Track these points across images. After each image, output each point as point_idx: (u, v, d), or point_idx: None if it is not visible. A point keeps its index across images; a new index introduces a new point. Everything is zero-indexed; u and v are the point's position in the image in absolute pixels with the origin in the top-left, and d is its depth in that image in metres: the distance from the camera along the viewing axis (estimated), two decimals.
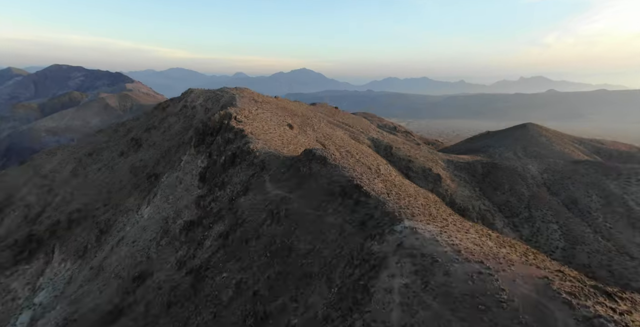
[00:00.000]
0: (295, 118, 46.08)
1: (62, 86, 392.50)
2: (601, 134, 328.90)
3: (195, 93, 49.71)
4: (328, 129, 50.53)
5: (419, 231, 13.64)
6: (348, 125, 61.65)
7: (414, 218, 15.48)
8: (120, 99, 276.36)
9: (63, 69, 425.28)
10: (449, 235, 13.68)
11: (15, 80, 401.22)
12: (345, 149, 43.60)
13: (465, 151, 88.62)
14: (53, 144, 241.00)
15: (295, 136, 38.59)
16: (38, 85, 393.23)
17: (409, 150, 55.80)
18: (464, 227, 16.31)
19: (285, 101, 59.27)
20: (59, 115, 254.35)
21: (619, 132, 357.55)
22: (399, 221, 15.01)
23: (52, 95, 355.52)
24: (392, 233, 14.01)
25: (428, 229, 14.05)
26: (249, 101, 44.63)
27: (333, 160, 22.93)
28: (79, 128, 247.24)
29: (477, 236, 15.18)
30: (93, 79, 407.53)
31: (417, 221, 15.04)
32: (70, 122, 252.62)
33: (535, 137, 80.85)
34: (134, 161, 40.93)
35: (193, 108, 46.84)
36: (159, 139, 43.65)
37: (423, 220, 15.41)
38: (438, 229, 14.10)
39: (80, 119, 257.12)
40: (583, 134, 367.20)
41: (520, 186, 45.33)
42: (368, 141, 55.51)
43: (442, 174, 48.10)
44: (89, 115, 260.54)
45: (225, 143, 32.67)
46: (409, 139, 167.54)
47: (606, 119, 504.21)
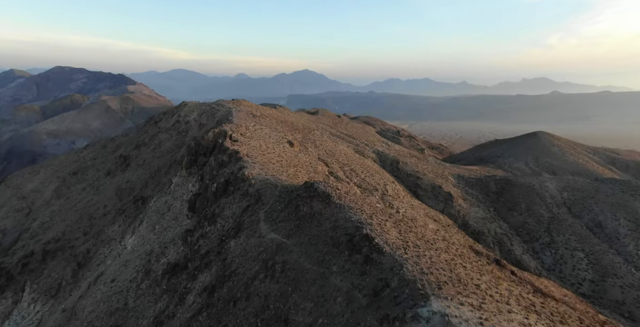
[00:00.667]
0: (295, 133, 42.87)
1: (64, 88, 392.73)
2: (607, 136, 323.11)
3: (190, 107, 46.66)
4: (331, 143, 47.29)
5: (453, 322, 10.42)
6: (352, 137, 58.35)
7: (442, 291, 12.26)
8: (122, 102, 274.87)
9: (65, 70, 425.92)
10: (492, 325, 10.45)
11: (17, 82, 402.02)
12: (349, 167, 40.35)
13: (473, 160, 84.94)
14: (54, 147, 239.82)
15: (295, 155, 35.44)
16: (40, 87, 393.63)
17: (417, 165, 52.39)
18: (503, 297, 13.06)
19: (286, 112, 56.05)
20: (60, 118, 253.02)
21: (624, 133, 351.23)
22: (424, 299, 11.79)
23: (54, 97, 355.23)
24: (416, 320, 10.79)
25: (463, 316, 10.83)
26: (247, 116, 41.52)
27: (338, 197, 19.77)
28: (80, 131, 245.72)
29: (522, 317, 11.95)
30: (95, 80, 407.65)
31: (447, 299, 11.81)
32: (71, 124, 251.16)
33: (547, 147, 77.11)
34: (121, 182, 37.90)
35: (187, 123, 43.75)
36: (148, 156, 40.58)
37: (453, 294, 12.18)
38: (476, 318, 10.86)
39: (82, 122, 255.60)
40: (589, 136, 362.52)
41: (538, 206, 41.80)
42: (373, 155, 52.19)
43: (453, 192, 44.67)
44: (90, 118, 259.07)
45: (219, 166, 29.55)
46: (413, 144, 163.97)
47: (611, 120, 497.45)
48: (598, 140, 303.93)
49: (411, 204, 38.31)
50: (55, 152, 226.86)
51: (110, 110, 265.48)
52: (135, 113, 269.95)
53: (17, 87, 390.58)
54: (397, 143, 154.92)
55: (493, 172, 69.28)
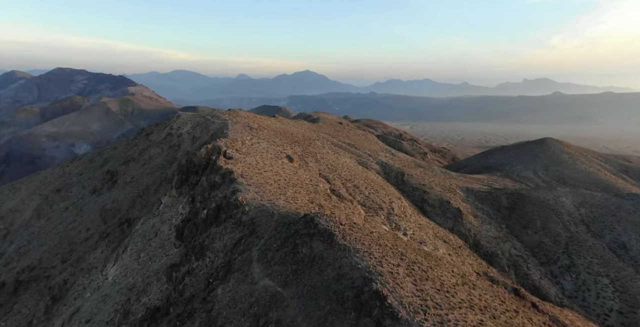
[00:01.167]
0: (295, 146, 40.18)
1: (65, 90, 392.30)
2: (610, 137, 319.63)
3: (183, 119, 43.93)
4: (332, 155, 44.57)
5: None
6: (354, 146, 55.60)
7: None
8: (122, 104, 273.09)
9: (66, 72, 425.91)
10: None
11: (18, 83, 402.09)
12: (352, 183, 37.62)
13: (479, 168, 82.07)
14: (53, 150, 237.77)
15: (295, 172, 32.75)
16: (41, 89, 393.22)
17: (423, 177, 49.59)
18: None
19: (285, 122, 53.37)
20: (60, 120, 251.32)
21: (628, 134, 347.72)
22: None
23: (55, 98, 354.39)
24: None
25: None
26: (243, 128, 38.85)
27: (341, 236, 17.07)
28: (79, 133, 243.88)
29: None
30: (96, 82, 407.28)
31: None
32: (70, 127, 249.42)
33: (556, 154, 74.17)
34: (106, 202, 35.23)
35: (179, 136, 41.07)
36: (137, 173, 37.89)
37: None
38: None
39: (81, 124, 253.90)
40: (592, 137, 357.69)
41: (554, 224, 38.94)
42: (377, 166, 49.43)
43: (462, 207, 41.85)
44: (90, 120, 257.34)
45: (211, 188, 26.90)
46: (415, 147, 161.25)
47: (614, 121, 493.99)
48: (601, 141, 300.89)
49: (419, 223, 35.55)
50: (54, 154, 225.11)
51: (110, 112, 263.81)
52: (135, 115, 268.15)
53: (18, 89, 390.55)
54: (399, 147, 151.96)
55: (501, 182, 66.35)
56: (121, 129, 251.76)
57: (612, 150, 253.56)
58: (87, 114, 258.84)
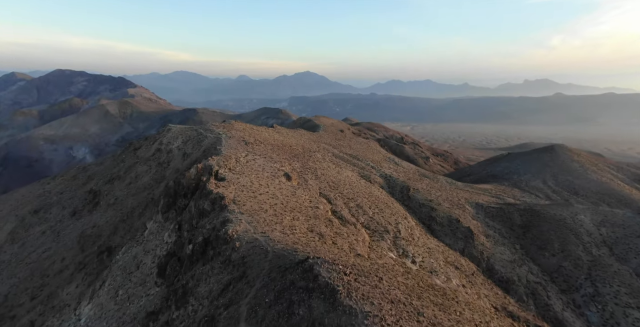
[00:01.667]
0: (294, 161, 37.23)
1: (65, 91, 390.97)
2: (612, 138, 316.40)
3: (174, 132, 40.81)
4: (333, 169, 41.63)
5: None
6: (356, 158, 52.65)
7: None
8: (121, 106, 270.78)
9: (66, 74, 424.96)
10: None
11: (18, 85, 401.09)
12: (355, 202, 34.67)
13: (485, 177, 79.03)
14: (51, 153, 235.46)
15: (293, 192, 29.86)
16: (41, 91, 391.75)
17: (429, 191, 46.58)
18: None
19: (284, 133, 50.37)
20: (58, 122, 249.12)
21: (630, 136, 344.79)
22: None
23: (55, 100, 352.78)
24: None
25: None
26: (238, 143, 35.93)
27: (347, 294, 14.19)
28: (77, 136, 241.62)
29: None
30: (96, 83, 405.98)
31: None
32: (68, 129, 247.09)
33: (566, 163, 71.08)
34: (86, 227, 32.26)
35: (169, 152, 38.09)
36: (122, 193, 34.95)
37: None
38: None
39: (80, 127, 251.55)
40: (594, 139, 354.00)
41: (574, 246, 35.90)
42: (380, 180, 46.47)
43: (473, 226, 38.84)
44: (89, 123, 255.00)
45: (199, 215, 24.02)
46: (417, 152, 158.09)
47: (616, 122, 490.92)
48: (602, 142, 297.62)
49: (428, 247, 32.57)
50: (52, 157, 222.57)
51: (108, 114, 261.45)
52: (134, 118, 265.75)
53: (17, 91, 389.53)
54: (401, 151, 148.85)
55: (509, 193, 63.27)
56: (120, 131, 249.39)
57: (613, 152, 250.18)
58: (85, 117, 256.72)
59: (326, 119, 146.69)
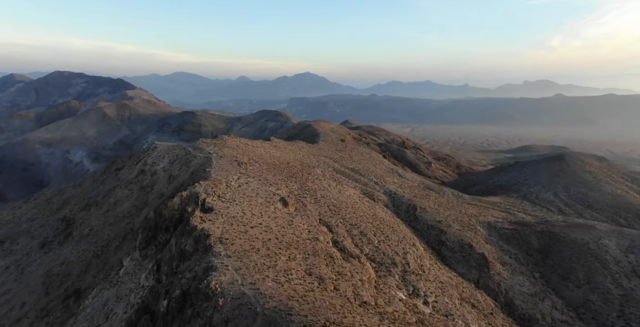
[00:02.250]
0: (291, 181, 34.04)
1: (64, 93, 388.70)
2: (613, 140, 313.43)
3: (159, 151, 37.22)
4: (334, 187, 38.45)
5: None
6: (358, 172, 49.45)
7: None
8: (119, 109, 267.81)
9: (64, 75, 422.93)
10: None
11: (17, 87, 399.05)
12: (358, 229, 31.51)
13: (492, 187, 75.82)
14: (47, 156, 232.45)
15: (290, 222, 26.74)
16: (39, 93, 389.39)
17: (437, 210, 43.35)
18: None
19: (282, 146, 47.05)
20: (55, 125, 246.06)
21: (631, 137, 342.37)
22: None
23: (53, 102, 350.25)
24: None
25: None
26: (230, 164, 32.72)
27: None
28: (75, 139, 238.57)
29: None
30: (95, 85, 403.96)
31: None
32: (66, 132, 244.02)
33: (578, 174, 67.84)
34: (54, 263, 28.83)
35: (153, 174, 34.66)
36: (98, 223, 31.60)
37: None
38: None
39: (77, 130, 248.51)
40: (595, 140, 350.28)
41: (601, 277, 32.68)
42: (385, 197, 43.28)
43: (487, 252, 35.63)
44: (86, 126, 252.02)
45: (180, 257, 20.85)
46: (419, 156, 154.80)
47: (617, 124, 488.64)
48: (604, 144, 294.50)
49: (440, 281, 29.37)
50: (48, 161, 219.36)
51: (106, 117, 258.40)
52: (133, 120, 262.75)
53: (16, 92, 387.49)
54: (402, 156, 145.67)
55: (519, 206, 60.05)
56: (118, 134, 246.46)
57: (616, 155, 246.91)
58: (83, 120, 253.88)
59: (326, 123, 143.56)
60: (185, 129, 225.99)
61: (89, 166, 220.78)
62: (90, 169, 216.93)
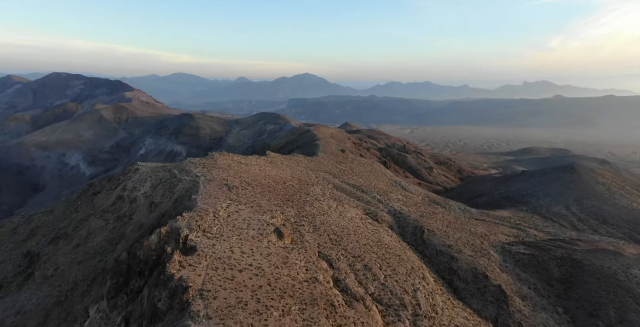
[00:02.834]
0: (287, 206, 30.73)
1: (61, 95, 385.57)
2: (614, 142, 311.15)
3: (142, 173, 33.26)
4: (335, 209, 35.16)
5: None
6: (360, 188, 46.16)
7: None
8: (116, 111, 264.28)
9: (62, 77, 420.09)
10: None
11: (14, 88, 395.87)
12: (362, 262, 28.20)
13: (499, 198, 72.58)
14: (42, 160, 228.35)
15: (285, 259, 23.45)
16: (37, 94, 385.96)
17: (446, 232, 40.04)
18: None
19: (278, 162, 43.65)
20: (51, 128, 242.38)
21: (631, 139, 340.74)
22: None
23: (51, 104, 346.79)
24: None
25: None
26: (219, 189, 29.33)
27: None
28: (70, 142, 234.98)
29: None
30: (92, 87, 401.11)
31: None
32: (61, 135, 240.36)
33: (590, 185, 64.61)
34: (8, 313, 24.67)
35: (132, 201, 30.83)
36: (65, 260, 27.85)
37: None
38: None
39: (73, 133, 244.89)
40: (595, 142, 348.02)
41: (636, 315, 29.23)
42: (389, 217, 39.99)
43: (504, 283, 32.32)
44: (82, 129, 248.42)
45: (151, 316, 17.49)
46: (420, 161, 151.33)
47: (616, 125, 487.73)
48: (605, 146, 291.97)
49: (455, 324, 26.05)
50: (44, 164, 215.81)
51: (103, 120, 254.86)
52: (130, 123, 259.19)
53: (13, 94, 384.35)
54: (403, 161, 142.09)
55: (530, 221, 56.83)
56: (114, 137, 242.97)
57: (618, 157, 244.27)
58: (79, 122, 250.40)
59: (325, 128, 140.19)
60: (183, 131, 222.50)
61: (85, 170, 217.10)
62: (87, 172, 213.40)
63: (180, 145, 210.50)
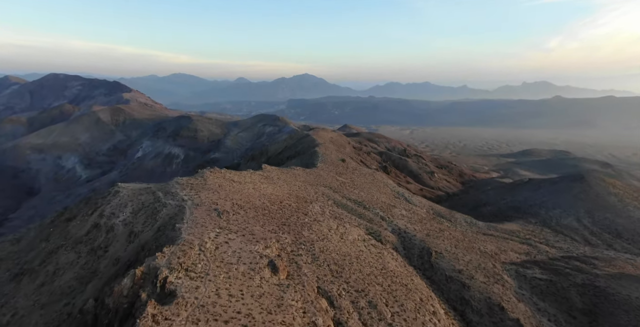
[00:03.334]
0: (284, 233, 27.72)
1: (59, 96, 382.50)
2: (614, 143, 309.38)
3: (122, 197, 29.36)
4: (336, 231, 32.24)
5: None
6: (362, 204, 43.21)
7: None
8: (113, 113, 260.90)
9: (60, 78, 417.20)
10: None
11: (12, 89, 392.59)
12: (366, 298, 25.27)
13: (505, 208, 69.68)
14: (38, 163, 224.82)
15: (279, 301, 20.52)
16: (34, 95, 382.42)
17: (455, 253, 37.12)
18: None
19: (275, 177, 40.57)
20: (47, 130, 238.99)
21: (631, 140, 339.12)
22: None
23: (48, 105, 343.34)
24: None
25: None
26: (208, 215, 26.19)
27: None
28: (67, 145, 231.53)
29: None
30: (90, 88, 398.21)
31: None
32: (57, 138, 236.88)
33: (601, 196, 61.70)
34: None
35: (109, 231, 27.12)
36: (27, 304, 23.96)
37: None
38: None
39: (69, 135, 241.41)
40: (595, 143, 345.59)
41: None
42: (393, 238, 37.09)
43: (521, 315, 29.36)
44: (79, 131, 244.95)
45: None
46: (421, 165, 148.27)
47: (616, 126, 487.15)
48: (605, 148, 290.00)
49: None
50: (39, 167, 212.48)
51: (100, 122, 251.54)
52: (127, 125, 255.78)
53: (10, 95, 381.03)
54: (404, 165, 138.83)
55: (540, 235, 53.95)
56: (111, 140, 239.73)
57: (618, 159, 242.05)
58: (76, 124, 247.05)
59: (325, 132, 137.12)
60: (180, 134, 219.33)
61: (81, 173, 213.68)
62: (83, 175, 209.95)
63: (178, 148, 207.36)
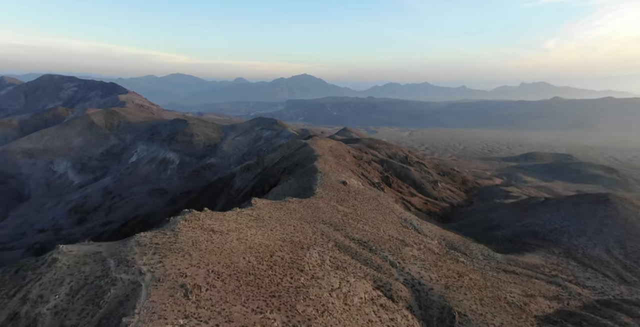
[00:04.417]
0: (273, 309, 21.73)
1: (54, 97, 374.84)
2: (614, 145, 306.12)
3: (60, 267, 21.24)
4: (339, 294, 26.60)
5: None
6: (368, 245, 37.57)
7: None
8: (107, 116, 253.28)
9: (55, 79, 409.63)
10: None
11: (6, 90, 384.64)
12: None
13: (521, 232, 64.24)
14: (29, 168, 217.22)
15: None
16: (29, 97, 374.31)
17: (482, 313, 31.48)
18: None
19: (265, 217, 34.29)
20: (38, 134, 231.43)
21: (631, 141, 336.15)
22: None
23: (43, 107, 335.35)
24: None
25: None
26: (170, 297, 19.27)
27: None
28: (59, 149, 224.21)
29: None
30: (86, 89, 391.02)
31: None
32: (49, 142, 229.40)
33: (631, 222, 56.40)
34: None
35: (31, 323, 17.57)
36: None
37: None
38: None
39: (62, 139, 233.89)
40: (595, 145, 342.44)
41: None
42: (407, 292, 31.51)
43: None
44: (72, 135, 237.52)
45: None
46: (424, 174, 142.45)
47: (616, 127, 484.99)
48: (607, 150, 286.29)
49: None
50: (30, 173, 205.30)
51: (94, 125, 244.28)
52: (122, 129, 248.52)
53: (4, 96, 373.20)
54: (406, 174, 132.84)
55: (568, 271, 48.54)
56: (105, 144, 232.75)
57: (620, 162, 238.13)
58: (68, 128, 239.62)
59: (324, 141, 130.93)
60: (176, 138, 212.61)
61: (73, 178, 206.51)
62: (75, 181, 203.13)
63: (173, 153, 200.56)
